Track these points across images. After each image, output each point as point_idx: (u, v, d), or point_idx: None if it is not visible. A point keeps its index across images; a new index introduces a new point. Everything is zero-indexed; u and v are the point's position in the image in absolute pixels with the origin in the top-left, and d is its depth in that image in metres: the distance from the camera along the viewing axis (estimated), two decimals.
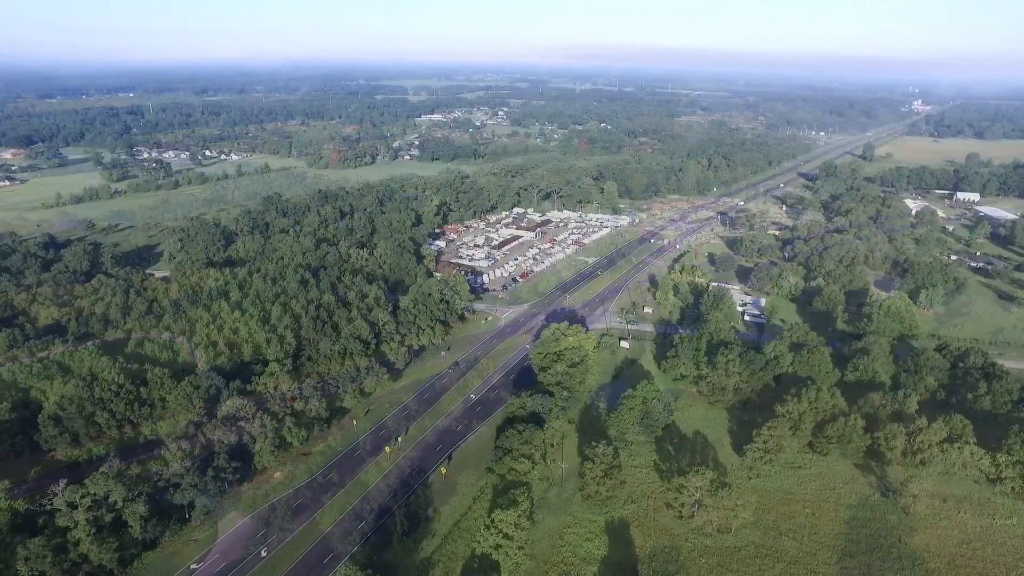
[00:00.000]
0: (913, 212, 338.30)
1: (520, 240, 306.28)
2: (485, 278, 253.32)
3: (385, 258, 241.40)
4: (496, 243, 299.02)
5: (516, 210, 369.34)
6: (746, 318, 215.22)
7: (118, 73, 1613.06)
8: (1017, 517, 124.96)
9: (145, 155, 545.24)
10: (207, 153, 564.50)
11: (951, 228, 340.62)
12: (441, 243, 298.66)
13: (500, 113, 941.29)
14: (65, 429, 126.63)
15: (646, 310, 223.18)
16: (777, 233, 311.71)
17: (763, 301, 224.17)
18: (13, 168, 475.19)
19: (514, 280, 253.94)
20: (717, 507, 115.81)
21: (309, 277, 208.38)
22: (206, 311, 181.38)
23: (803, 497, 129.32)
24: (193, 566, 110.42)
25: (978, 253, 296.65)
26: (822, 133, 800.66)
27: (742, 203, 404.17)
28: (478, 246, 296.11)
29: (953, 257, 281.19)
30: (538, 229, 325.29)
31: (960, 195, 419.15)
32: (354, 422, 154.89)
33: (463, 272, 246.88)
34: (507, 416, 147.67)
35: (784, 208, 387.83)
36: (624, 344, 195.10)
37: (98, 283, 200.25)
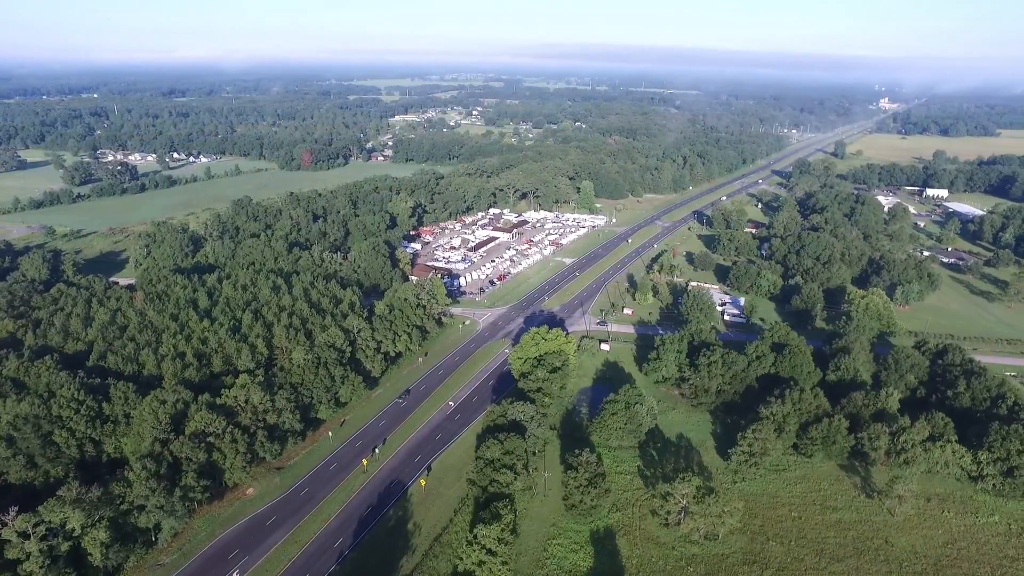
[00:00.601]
0: (886, 209, 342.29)
1: (497, 241, 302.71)
2: (462, 281, 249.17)
3: (359, 262, 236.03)
4: (472, 245, 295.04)
5: (492, 211, 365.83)
6: (726, 318, 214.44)
7: (80, 73, 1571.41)
8: (999, 515, 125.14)
9: (110, 158, 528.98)
10: (175, 155, 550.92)
11: (922, 224, 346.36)
12: (417, 245, 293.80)
13: (474, 113, 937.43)
14: (19, 450, 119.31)
15: (625, 311, 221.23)
16: (754, 231, 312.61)
17: (742, 300, 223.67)
18: None
19: (491, 282, 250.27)
20: (704, 514, 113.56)
21: (281, 283, 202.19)
22: (173, 320, 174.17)
23: (789, 500, 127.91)
24: None
25: (949, 249, 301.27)
26: (794, 131, 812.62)
27: (725, 198, 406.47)
28: (454, 248, 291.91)
29: (926, 253, 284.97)
30: (515, 230, 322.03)
31: (929, 191, 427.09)
32: (329, 434, 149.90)
33: (439, 275, 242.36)
34: (487, 424, 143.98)
35: (760, 206, 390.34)
36: (604, 346, 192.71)
37: (58, 292, 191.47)
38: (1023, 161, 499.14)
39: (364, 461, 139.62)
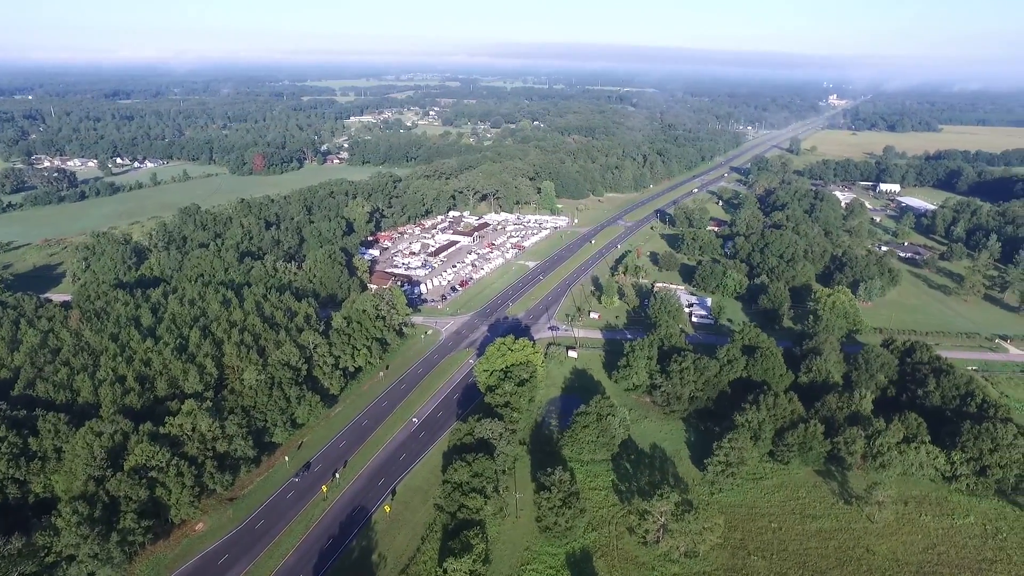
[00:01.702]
0: (843, 204, 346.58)
1: (458, 246, 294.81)
2: (423, 288, 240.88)
3: (315, 271, 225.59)
4: (433, 250, 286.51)
5: (452, 214, 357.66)
6: (694, 319, 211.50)
7: (12, 73, 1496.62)
8: (974, 515, 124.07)
9: (46, 164, 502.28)
10: (118, 161, 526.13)
11: (878, 219, 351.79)
12: (375, 252, 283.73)
13: (431, 113, 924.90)
14: None
15: (592, 315, 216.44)
16: (716, 229, 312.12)
17: (709, 301, 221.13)
18: None
19: (453, 289, 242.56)
20: (684, 532, 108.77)
21: (232, 296, 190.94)
22: (113, 341, 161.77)
23: (768, 511, 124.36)
24: None
25: (906, 243, 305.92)
26: (750, 128, 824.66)
27: (694, 191, 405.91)
28: (414, 253, 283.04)
29: (884, 248, 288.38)
30: (475, 233, 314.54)
31: (883, 186, 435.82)
32: (286, 458, 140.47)
33: (399, 283, 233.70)
34: (453, 443, 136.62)
35: (721, 203, 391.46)
36: (572, 353, 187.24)
37: None
38: (966, 156, 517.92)
39: (324, 487, 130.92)
